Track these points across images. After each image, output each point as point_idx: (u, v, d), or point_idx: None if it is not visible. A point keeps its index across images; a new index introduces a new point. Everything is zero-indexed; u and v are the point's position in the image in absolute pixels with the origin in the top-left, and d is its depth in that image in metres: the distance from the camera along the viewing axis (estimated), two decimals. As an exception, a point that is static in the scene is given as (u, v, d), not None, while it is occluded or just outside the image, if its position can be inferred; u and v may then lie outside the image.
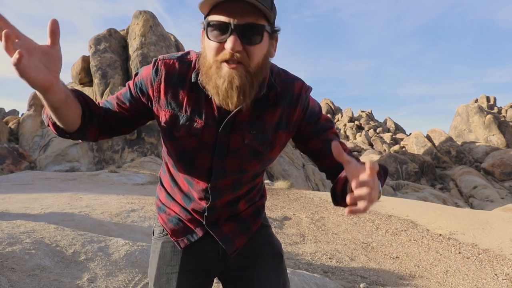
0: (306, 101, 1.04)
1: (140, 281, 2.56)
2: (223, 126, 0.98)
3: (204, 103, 0.98)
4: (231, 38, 0.84)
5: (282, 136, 1.04)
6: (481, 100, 53.30)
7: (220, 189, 1.07)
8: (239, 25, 0.84)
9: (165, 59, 1.00)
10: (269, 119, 1.01)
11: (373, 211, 8.42)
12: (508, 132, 38.37)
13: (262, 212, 1.22)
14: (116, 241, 3.05)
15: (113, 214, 5.58)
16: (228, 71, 0.87)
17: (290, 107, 1.02)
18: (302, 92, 1.03)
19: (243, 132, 1.00)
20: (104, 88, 22.09)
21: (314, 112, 1.06)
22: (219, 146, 1.00)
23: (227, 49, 0.85)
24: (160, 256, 1.14)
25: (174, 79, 0.99)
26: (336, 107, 61.33)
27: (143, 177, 11.39)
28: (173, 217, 1.15)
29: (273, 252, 1.20)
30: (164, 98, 1.00)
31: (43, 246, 2.64)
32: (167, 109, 1.00)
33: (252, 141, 1.01)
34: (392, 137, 48.06)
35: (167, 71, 0.99)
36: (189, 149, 1.02)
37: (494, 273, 5.24)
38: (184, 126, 1.00)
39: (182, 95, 0.99)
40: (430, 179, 31.55)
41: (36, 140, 22.50)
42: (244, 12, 0.84)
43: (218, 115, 0.98)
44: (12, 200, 6.49)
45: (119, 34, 24.94)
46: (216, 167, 1.03)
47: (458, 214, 8.22)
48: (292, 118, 1.03)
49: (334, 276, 4.49)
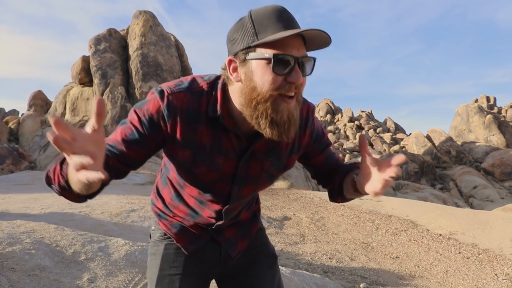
0: (313, 123, 1.08)
1: (140, 281, 2.56)
2: (244, 159, 0.99)
3: (223, 137, 0.95)
4: (296, 71, 0.84)
5: (294, 158, 1.09)
6: (481, 100, 53.31)
7: (231, 211, 1.11)
8: (301, 57, 0.85)
9: (174, 93, 0.92)
10: (284, 145, 1.03)
11: (373, 211, 8.42)
12: (508, 132, 38.38)
13: (258, 216, 1.28)
14: (116, 241, 3.05)
15: (113, 214, 5.58)
16: (287, 105, 0.86)
17: (300, 131, 1.04)
18: (309, 115, 1.06)
19: (262, 160, 1.02)
20: (104, 88, 22.09)
21: (319, 132, 1.11)
22: (239, 176, 1.02)
23: (292, 82, 0.84)
24: (162, 257, 1.14)
25: (190, 115, 0.93)
26: (336, 107, 61.33)
27: (143, 177, 11.39)
28: (177, 224, 1.15)
29: (269, 254, 1.26)
30: (180, 137, 0.93)
31: (43, 246, 2.64)
32: (185, 149, 0.95)
33: (270, 168, 1.04)
34: (392, 137, 48.07)
35: (181, 107, 0.92)
36: (207, 182, 1.02)
37: (494, 273, 5.24)
38: (204, 163, 0.97)
39: (200, 132, 0.94)
40: (430, 179, 31.56)
41: (36, 140, 22.49)
42: (300, 45, 0.85)
43: (237, 147, 0.97)
44: (12, 200, 6.49)
45: (119, 34, 24.93)
46: (234, 194, 1.05)
47: (458, 214, 8.22)
48: (302, 141, 1.07)
49: (334, 276, 4.49)
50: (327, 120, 57.79)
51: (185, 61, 26.32)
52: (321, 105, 61.62)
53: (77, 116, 22.91)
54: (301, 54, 0.85)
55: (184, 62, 26.08)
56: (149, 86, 22.14)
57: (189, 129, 0.93)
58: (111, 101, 21.68)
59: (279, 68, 0.84)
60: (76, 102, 23.36)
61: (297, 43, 0.84)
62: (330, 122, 57.36)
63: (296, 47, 0.84)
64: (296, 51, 0.84)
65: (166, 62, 23.53)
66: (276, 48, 0.83)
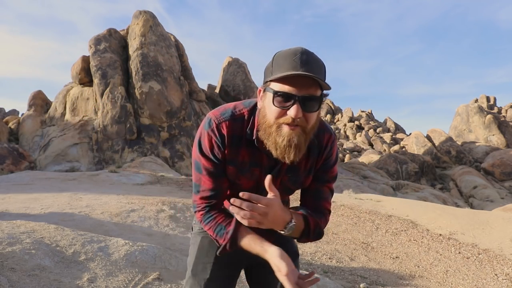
0: (330, 152, 1.24)
1: (140, 281, 2.56)
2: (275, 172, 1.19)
3: (258, 155, 1.17)
4: (294, 107, 1.00)
5: (310, 177, 1.26)
6: (481, 100, 53.29)
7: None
8: (302, 96, 1.01)
9: (221, 122, 1.15)
10: (303, 166, 1.22)
11: (373, 211, 8.42)
12: (508, 132, 38.37)
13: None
14: (116, 241, 3.05)
15: (113, 214, 5.58)
16: (288, 131, 1.04)
17: (317, 156, 1.23)
18: (328, 144, 1.23)
19: (281, 175, 1.22)
20: (104, 88, 22.08)
21: (329, 165, 1.26)
22: (263, 187, 1.15)
23: (289, 115, 1.01)
24: (199, 247, 1.36)
25: (234, 140, 1.15)
26: (336, 107, 61.32)
27: (143, 177, 11.38)
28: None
29: (292, 250, 1.38)
30: (229, 157, 1.17)
31: (43, 246, 2.64)
32: (231, 166, 1.18)
33: (287, 182, 1.24)
34: (392, 137, 48.05)
35: (228, 135, 1.15)
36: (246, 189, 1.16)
37: (494, 273, 5.23)
38: (245, 175, 1.21)
39: (242, 153, 1.17)
40: (430, 179, 31.55)
41: (36, 140, 22.49)
42: (306, 85, 1.00)
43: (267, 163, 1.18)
44: (12, 200, 6.49)
45: (119, 34, 24.93)
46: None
47: (458, 214, 8.22)
48: (318, 164, 1.25)
49: (334, 276, 4.49)
50: (327, 120, 57.79)
51: (185, 61, 26.32)
52: (321, 105, 61.60)
53: (77, 116, 22.90)
54: (303, 93, 1.00)
55: (184, 62, 26.08)
56: (149, 86, 22.14)
57: (233, 151, 1.16)
58: (111, 101, 21.66)
59: (278, 102, 1.02)
60: (76, 102, 23.35)
61: (303, 83, 1.00)
62: (330, 122, 57.35)
63: (300, 86, 1.00)
64: (297, 90, 1.00)
65: (166, 62, 23.52)
66: (282, 85, 1.01)
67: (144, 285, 2.52)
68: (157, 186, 10.11)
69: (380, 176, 28.17)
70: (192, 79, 26.22)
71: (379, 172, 29.18)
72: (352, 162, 32.96)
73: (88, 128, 21.82)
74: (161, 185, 10.38)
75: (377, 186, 23.94)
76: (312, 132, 1.09)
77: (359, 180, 24.90)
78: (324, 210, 1.28)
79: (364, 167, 29.56)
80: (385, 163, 31.75)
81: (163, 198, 7.26)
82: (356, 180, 24.09)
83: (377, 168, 30.44)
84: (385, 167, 31.28)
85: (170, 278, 2.74)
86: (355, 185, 21.97)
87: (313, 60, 1.01)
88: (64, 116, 23.46)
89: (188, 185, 10.43)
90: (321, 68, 1.03)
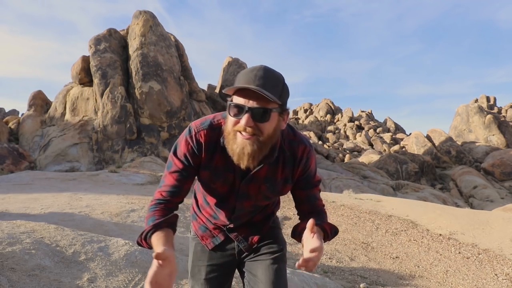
0: (307, 163, 1.35)
1: (140, 281, 2.56)
2: (244, 180, 1.30)
3: (231, 161, 1.24)
4: (245, 117, 1.13)
5: (288, 187, 1.39)
6: (481, 100, 53.29)
7: (240, 217, 1.43)
8: (251, 108, 1.12)
9: (200, 131, 1.27)
10: (279, 176, 1.32)
11: (373, 211, 8.42)
12: (508, 132, 38.37)
13: (271, 218, 1.55)
14: (116, 241, 3.05)
15: (113, 214, 5.58)
16: (242, 140, 1.15)
17: (293, 167, 1.33)
18: (303, 156, 1.33)
19: (259, 184, 1.32)
20: (104, 88, 22.08)
21: (310, 174, 1.38)
22: (240, 193, 1.34)
23: (241, 124, 1.13)
24: (193, 253, 1.53)
25: (211, 147, 1.27)
26: (336, 107, 61.30)
27: (143, 177, 11.39)
28: (202, 225, 1.51)
29: (273, 247, 1.49)
30: (204, 162, 1.29)
31: (43, 246, 2.64)
32: (206, 171, 1.30)
33: (265, 191, 1.35)
34: (392, 137, 48.04)
35: (205, 142, 1.27)
36: (221, 193, 1.35)
37: (494, 273, 5.24)
38: (219, 180, 1.32)
39: (216, 159, 1.28)
40: (430, 179, 31.54)
41: (36, 140, 22.48)
42: (257, 98, 1.12)
43: (240, 169, 1.26)
44: (12, 200, 6.48)
45: (119, 34, 24.93)
46: (238, 206, 1.38)
47: (458, 214, 8.22)
48: (295, 175, 1.36)
49: (334, 276, 4.49)
50: (327, 120, 57.77)
51: (185, 61, 26.32)
52: (321, 105, 61.59)
53: (77, 116, 22.90)
54: (253, 105, 1.12)
55: (184, 62, 26.07)
56: (149, 86, 22.14)
57: (209, 157, 1.28)
58: (111, 101, 21.66)
59: (233, 112, 1.15)
60: (76, 102, 23.35)
61: (254, 96, 1.11)
62: (330, 122, 57.33)
63: (250, 99, 1.12)
64: (247, 102, 1.12)
65: (166, 62, 23.52)
66: (237, 97, 1.14)
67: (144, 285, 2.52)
68: (157, 186, 10.09)
69: (380, 176, 28.17)
70: (192, 79, 26.22)
71: (379, 172, 29.18)
72: (352, 162, 32.97)
73: (88, 128, 21.83)
74: (161, 185, 10.35)
75: (377, 186, 23.95)
76: (269, 141, 1.18)
77: (359, 180, 24.90)
78: (321, 208, 1.44)
79: (364, 167, 29.56)
80: (385, 163, 31.74)
81: (163, 198, 7.25)
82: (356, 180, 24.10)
83: (377, 168, 30.44)
84: (385, 167, 31.28)
85: (170, 278, 2.73)
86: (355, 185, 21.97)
87: (269, 76, 1.13)
88: (64, 116, 23.47)
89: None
90: (275, 84, 1.14)
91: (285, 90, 1.19)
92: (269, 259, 1.43)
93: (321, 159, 32.70)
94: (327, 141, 48.74)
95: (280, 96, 1.15)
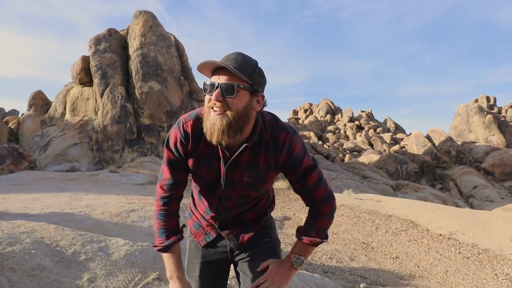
0: (290, 148, 1.36)
1: (140, 281, 2.56)
2: (227, 166, 1.35)
3: (215, 148, 1.33)
4: (215, 93, 1.22)
5: (272, 174, 1.40)
6: (481, 100, 53.29)
7: (228, 208, 1.45)
8: (221, 83, 1.22)
9: (187, 121, 1.36)
10: (261, 161, 1.35)
11: (373, 211, 8.42)
12: (508, 132, 38.36)
13: (263, 218, 1.56)
14: (116, 241, 3.05)
15: (113, 214, 5.58)
16: (213, 116, 1.24)
17: (276, 153, 1.36)
18: (286, 142, 1.35)
19: (243, 170, 1.36)
20: (104, 88, 22.08)
21: (297, 159, 1.38)
22: (226, 180, 1.38)
23: (212, 99, 1.22)
24: (188, 251, 1.60)
25: (196, 135, 1.35)
26: (336, 107, 61.30)
27: (143, 177, 11.39)
28: (196, 223, 1.57)
29: (265, 247, 1.53)
30: (191, 150, 1.37)
31: (43, 246, 2.64)
32: (192, 158, 1.38)
33: (249, 177, 1.37)
34: (392, 137, 48.04)
35: (191, 131, 1.35)
36: (209, 182, 1.41)
37: (494, 273, 5.24)
38: (206, 167, 1.38)
39: (202, 146, 1.35)
40: (430, 179, 31.54)
41: (36, 140, 22.48)
42: (227, 75, 1.22)
43: (226, 156, 1.34)
44: (12, 200, 6.49)
45: (119, 34, 24.92)
46: (224, 194, 1.41)
47: (458, 214, 8.22)
48: (278, 161, 1.38)
49: (334, 276, 4.49)
50: (327, 120, 57.78)
51: (185, 61, 26.32)
52: (321, 105, 61.59)
53: (77, 116, 22.90)
54: (222, 80, 1.21)
55: (184, 62, 26.08)
56: (149, 86, 22.14)
57: (194, 145, 1.36)
58: (111, 101, 21.66)
59: (207, 90, 1.25)
60: (76, 102, 23.34)
61: (222, 73, 1.22)
62: (330, 122, 57.34)
63: (219, 76, 1.22)
64: (218, 78, 1.22)
65: (166, 62, 23.52)
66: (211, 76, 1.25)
67: (144, 285, 2.52)
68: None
69: (380, 176, 28.17)
70: (192, 79, 26.22)
71: (379, 172, 29.18)
72: (352, 162, 32.96)
73: (88, 128, 21.83)
74: (161, 185, 10.36)
75: (377, 186, 23.95)
76: (239, 119, 1.24)
77: (359, 180, 24.90)
78: (317, 201, 1.43)
79: (364, 167, 29.56)
80: (385, 163, 31.74)
81: (163, 198, 7.25)
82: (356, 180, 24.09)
83: (377, 168, 30.44)
84: (385, 167, 31.27)
85: (170, 278, 2.73)
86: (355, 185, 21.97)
87: (240, 58, 1.23)
88: (64, 116, 23.46)
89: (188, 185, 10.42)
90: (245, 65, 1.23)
91: (257, 73, 1.26)
92: (262, 260, 1.46)
93: (321, 159, 32.70)
94: (327, 141, 48.74)
95: (251, 76, 1.23)
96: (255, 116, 1.30)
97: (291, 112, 66.63)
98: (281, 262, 1.42)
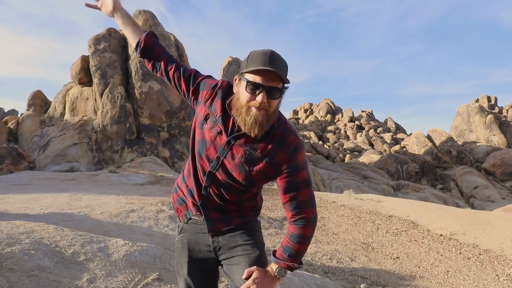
0: (294, 154, 1.41)
1: (140, 281, 2.54)
2: (232, 136, 1.42)
3: (227, 117, 1.44)
4: (262, 94, 1.31)
5: (265, 165, 1.42)
6: (482, 100, 53.28)
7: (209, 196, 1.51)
8: (268, 86, 1.31)
9: (224, 81, 1.52)
10: (261, 148, 1.41)
11: (373, 212, 8.40)
12: (509, 132, 38.34)
13: (246, 217, 1.59)
14: (115, 241, 3.03)
15: (113, 215, 5.56)
16: (256, 112, 1.32)
17: (279, 148, 1.41)
18: (292, 145, 1.42)
19: (241, 147, 1.42)
20: (103, 88, 22.06)
21: (296, 168, 1.42)
22: (223, 147, 1.44)
23: (257, 101, 1.31)
24: (176, 250, 1.66)
25: (222, 93, 1.47)
26: (337, 107, 61.29)
27: (143, 177, 11.37)
28: (180, 198, 1.62)
29: (250, 252, 1.53)
30: (210, 101, 1.49)
31: (43, 247, 2.62)
32: (207, 108, 1.49)
33: (243, 156, 1.42)
34: (393, 137, 48.03)
35: (221, 88, 1.49)
36: (207, 140, 1.47)
37: (495, 273, 5.22)
38: (211, 123, 1.46)
39: (220, 106, 1.46)
40: (431, 179, 31.52)
41: (35, 140, 22.47)
42: (271, 78, 1.31)
43: (232, 128, 1.43)
44: (11, 200, 6.47)
45: (119, 34, 24.90)
46: (216, 160, 1.46)
47: (459, 215, 8.20)
48: (277, 156, 1.41)
49: (334, 277, 4.47)
50: (327, 120, 57.75)
51: (185, 61, 26.30)
52: (321, 105, 61.57)
53: (76, 116, 22.89)
54: (269, 84, 1.30)
55: (184, 62, 26.06)
56: (149, 86, 22.13)
57: (216, 100, 1.47)
58: (110, 101, 21.65)
59: (250, 90, 1.32)
60: (75, 102, 23.33)
61: (269, 76, 1.30)
62: (331, 122, 57.31)
63: (266, 79, 1.30)
64: (264, 81, 1.30)
65: (166, 62, 23.48)
66: (254, 76, 1.31)
67: (144, 285, 2.50)
68: (156, 186, 10.09)
69: (381, 176, 28.15)
70: (192, 79, 26.18)
71: (379, 172, 29.16)
72: (353, 162, 32.94)
73: (88, 128, 21.81)
74: (161, 185, 10.36)
75: (377, 186, 23.93)
76: (273, 115, 1.36)
77: (360, 180, 24.88)
78: (303, 220, 1.44)
79: (365, 167, 29.54)
80: (385, 163, 31.72)
81: (162, 198, 7.25)
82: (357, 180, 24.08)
83: (378, 168, 30.42)
84: (386, 167, 31.26)
85: (170, 279, 2.72)
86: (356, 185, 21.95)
87: (279, 59, 1.32)
88: (63, 116, 23.45)
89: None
90: (284, 66, 1.33)
91: (287, 68, 1.39)
92: (245, 262, 1.48)
93: (321, 159, 32.67)
94: (327, 141, 48.72)
95: (286, 75, 1.35)
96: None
97: (291, 112, 66.61)
98: (265, 271, 1.44)
